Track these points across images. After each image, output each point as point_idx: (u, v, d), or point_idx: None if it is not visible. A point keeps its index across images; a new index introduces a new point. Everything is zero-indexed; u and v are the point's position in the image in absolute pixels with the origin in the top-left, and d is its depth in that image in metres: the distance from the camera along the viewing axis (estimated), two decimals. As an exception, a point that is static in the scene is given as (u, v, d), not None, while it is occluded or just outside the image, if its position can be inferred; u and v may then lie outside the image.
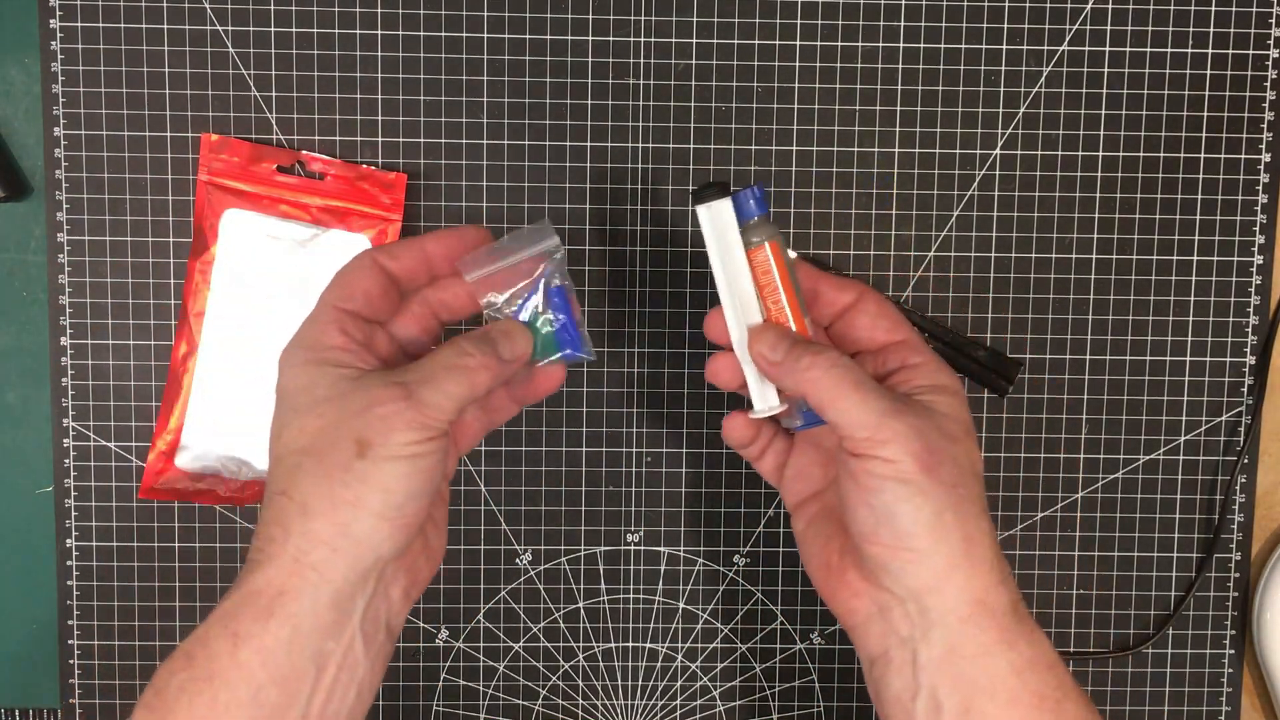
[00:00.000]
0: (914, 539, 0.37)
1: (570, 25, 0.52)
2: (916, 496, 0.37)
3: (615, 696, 0.55)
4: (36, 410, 0.54)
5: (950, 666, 0.38)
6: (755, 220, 0.41)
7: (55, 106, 0.52)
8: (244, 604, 0.37)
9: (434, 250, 0.41)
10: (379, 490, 0.37)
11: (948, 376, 0.41)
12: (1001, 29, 0.53)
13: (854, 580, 0.40)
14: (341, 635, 0.37)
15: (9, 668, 0.55)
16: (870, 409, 0.38)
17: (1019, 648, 0.38)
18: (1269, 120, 0.53)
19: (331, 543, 0.37)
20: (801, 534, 0.44)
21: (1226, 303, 0.54)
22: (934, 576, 0.37)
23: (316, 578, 0.37)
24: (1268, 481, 0.56)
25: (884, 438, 0.37)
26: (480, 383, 0.39)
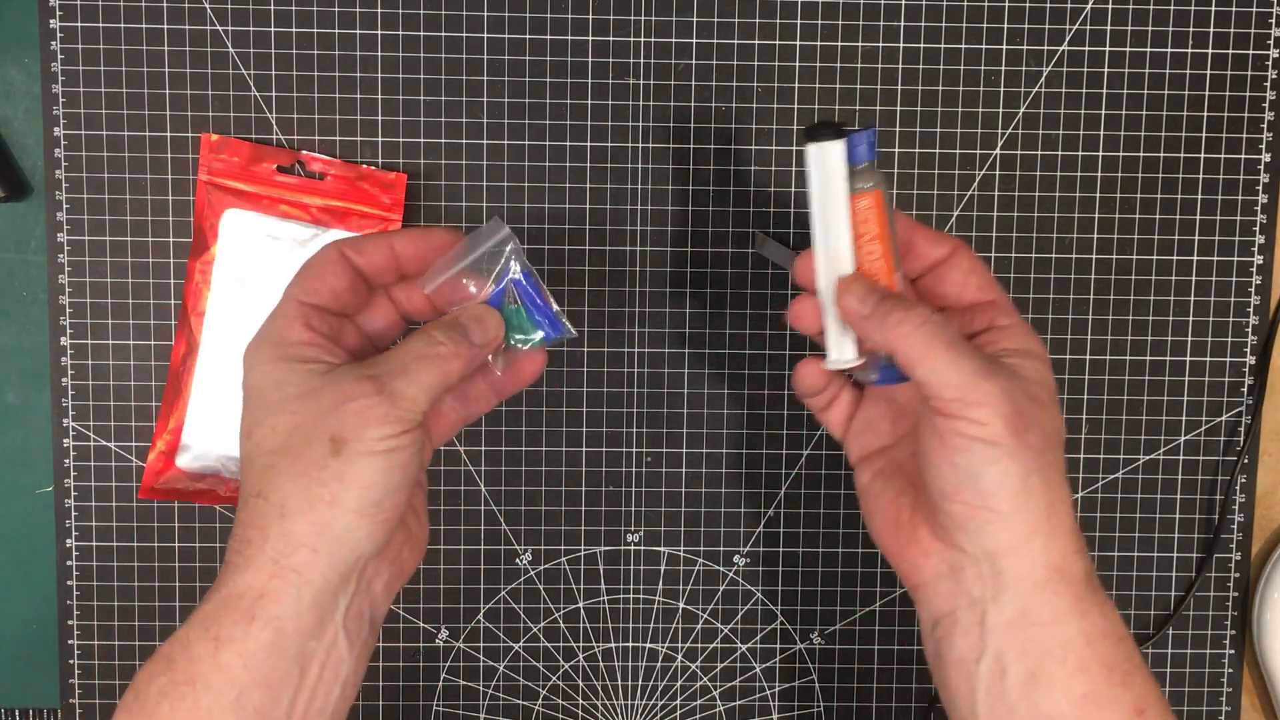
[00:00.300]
0: (999, 500, 0.37)
1: (570, 25, 0.52)
2: (1005, 459, 0.36)
3: (615, 696, 0.55)
4: (36, 410, 0.54)
5: (1020, 631, 0.37)
6: (864, 166, 0.39)
7: (55, 106, 0.52)
8: (224, 607, 0.36)
9: (402, 249, 0.41)
10: (356, 488, 0.36)
11: (1036, 342, 0.40)
12: (1001, 29, 0.53)
13: (925, 538, 0.40)
14: (324, 634, 0.37)
15: (9, 668, 0.55)
16: (962, 369, 0.37)
17: (1092, 617, 0.37)
18: (1269, 120, 0.53)
19: (311, 543, 0.36)
20: (866, 488, 0.43)
21: (1226, 303, 0.54)
22: (1014, 539, 0.37)
23: (298, 579, 0.36)
24: (1268, 481, 0.56)
25: (975, 399, 0.36)
26: (453, 370, 0.38)
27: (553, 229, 0.53)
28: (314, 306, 0.39)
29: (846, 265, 0.39)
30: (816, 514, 0.55)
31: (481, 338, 0.39)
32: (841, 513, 0.55)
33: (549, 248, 0.53)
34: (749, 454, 0.54)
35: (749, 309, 0.53)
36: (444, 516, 0.54)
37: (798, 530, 0.55)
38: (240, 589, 0.36)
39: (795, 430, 0.54)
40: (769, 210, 0.53)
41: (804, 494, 0.55)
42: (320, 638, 0.37)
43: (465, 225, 0.53)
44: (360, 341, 0.41)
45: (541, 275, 0.53)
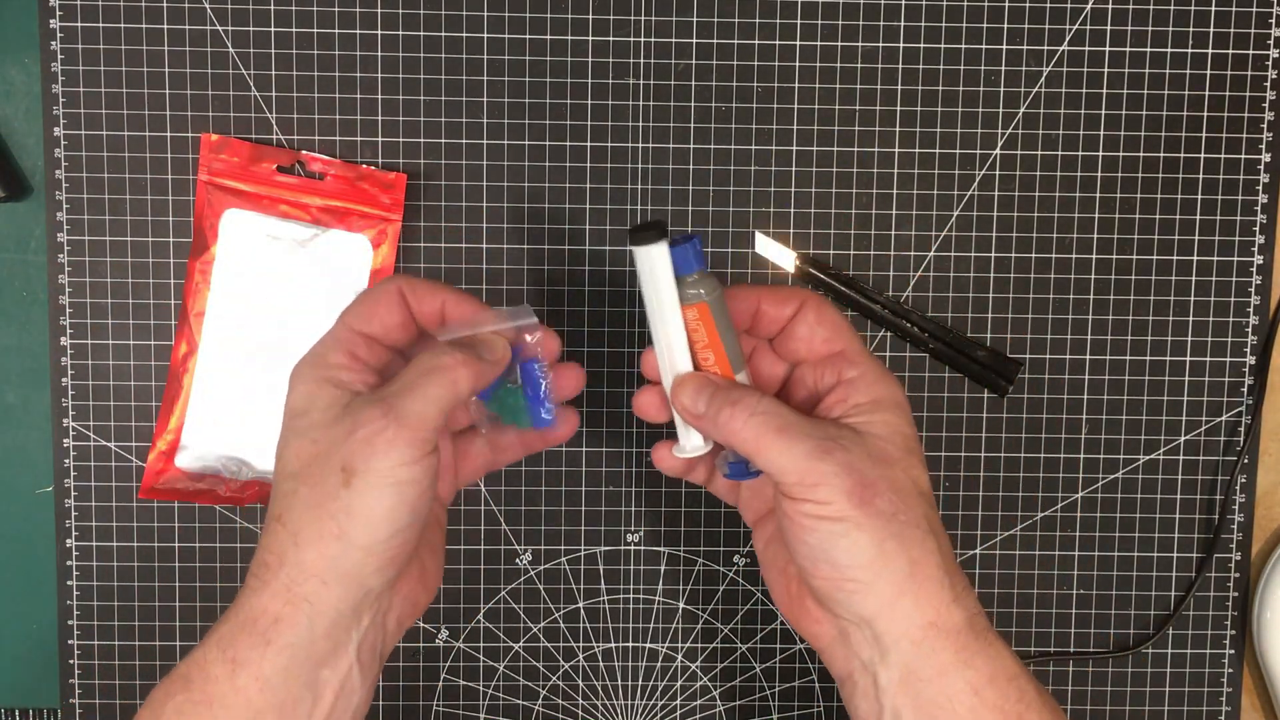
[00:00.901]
0: (856, 571, 0.37)
1: (570, 25, 0.52)
2: (853, 532, 0.37)
3: (615, 696, 0.55)
4: (36, 410, 0.54)
5: (909, 688, 0.37)
6: (693, 276, 0.39)
7: (55, 106, 0.52)
8: (241, 630, 0.37)
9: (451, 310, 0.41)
10: (364, 524, 0.36)
11: (885, 388, 0.40)
12: (1001, 29, 0.53)
13: (812, 607, 0.40)
14: (339, 664, 0.37)
15: (9, 668, 0.55)
16: (795, 453, 0.37)
17: (976, 664, 0.37)
18: (1269, 120, 0.53)
19: (321, 575, 0.36)
20: (761, 554, 0.43)
21: (1226, 303, 0.54)
22: (881, 604, 0.37)
23: (309, 609, 0.36)
24: (1268, 481, 0.56)
25: (813, 481, 0.37)
26: (462, 384, 0.38)
27: (553, 229, 0.53)
28: (363, 335, 0.39)
29: (683, 363, 0.40)
30: (816, 514, 0.55)
31: (490, 354, 0.39)
32: (841, 513, 0.55)
33: (549, 248, 0.53)
34: (749, 454, 0.54)
35: (749, 309, 0.53)
36: (444, 516, 0.54)
37: (798, 530, 0.55)
38: (256, 612, 0.37)
39: (795, 430, 0.54)
40: (769, 210, 0.53)
41: (804, 494, 0.55)
42: (335, 667, 0.37)
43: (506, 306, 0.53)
44: None
45: (540, 276, 0.53)
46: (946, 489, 0.55)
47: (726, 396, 0.39)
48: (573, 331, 0.53)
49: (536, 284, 0.53)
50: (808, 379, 0.41)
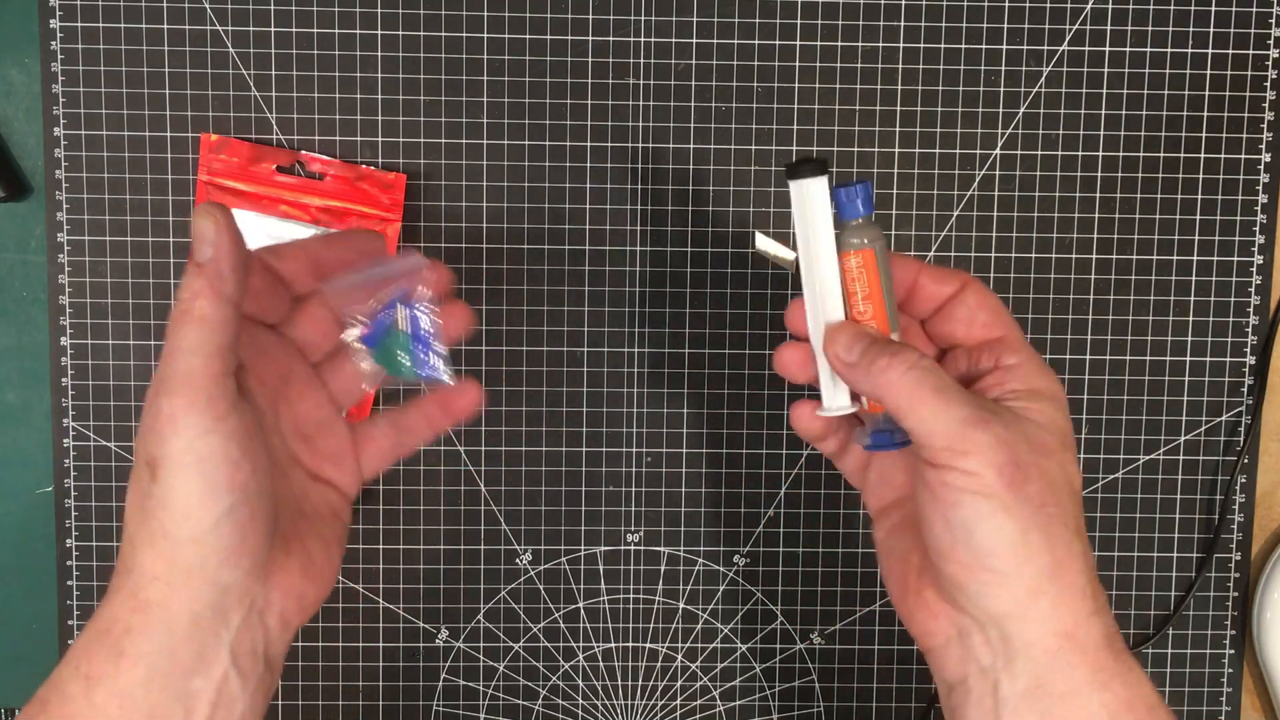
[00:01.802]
0: (995, 559, 0.34)
1: (570, 25, 0.52)
2: (999, 513, 0.34)
3: (615, 696, 0.55)
4: (36, 410, 0.54)
5: (1035, 703, 0.34)
6: (859, 221, 0.37)
7: (55, 106, 0.52)
8: (95, 642, 0.34)
9: (324, 254, 0.38)
10: (180, 516, 0.33)
11: (1046, 380, 0.37)
12: (1001, 29, 0.53)
13: (932, 600, 0.37)
14: (210, 671, 0.34)
15: (9, 668, 0.55)
16: (950, 416, 0.34)
17: (1113, 688, 0.34)
18: (1269, 120, 0.53)
19: (162, 577, 0.33)
20: (881, 543, 0.40)
21: (1226, 303, 0.54)
22: (1016, 602, 0.34)
23: (161, 613, 0.33)
24: (1268, 481, 0.56)
25: (965, 448, 0.34)
26: (210, 313, 0.33)
27: (553, 229, 0.53)
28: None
29: (835, 311, 0.38)
30: (816, 514, 0.55)
31: (203, 255, 0.33)
32: (841, 513, 0.55)
33: (549, 248, 0.53)
34: (749, 454, 0.54)
35: (749, 309, 0.53)
36: (444, 516, 0.54)
37: (798, 530, 0.55)
38: (108, 622, 0.34)
39: (795, 430, 0.54)
40: (769, 210, 0.53)
41: (804, 494, 0.55)
42: (206, 674, 0.34)
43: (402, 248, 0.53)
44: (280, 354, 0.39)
45: (540, 276, 0.53)
46: (946, 489, 0.55)
47: (885, 347, 0.36)
48: (573, 332, 0.53)
49: (536, 284, 0.53)
50: (962, 362, 0.39)
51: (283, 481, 0.38)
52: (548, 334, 0.53)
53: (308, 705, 0.55)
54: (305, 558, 0.37)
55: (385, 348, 0.39)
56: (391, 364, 0.39)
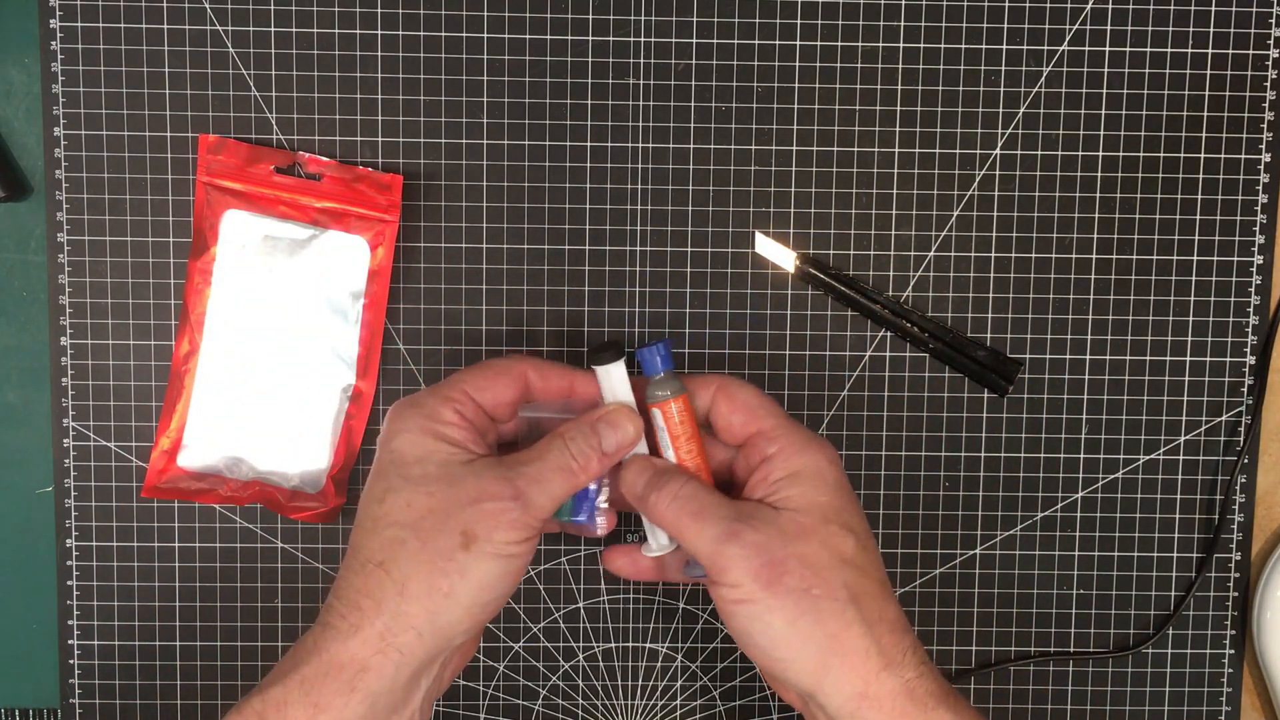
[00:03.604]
0: (777, 650, 0.38)
1: (570, 25, 0.52)
2: (764, 615, 0.38)
3: (615, 696, 0.55)
4: (36, 410, 0.54)
5: None
6: (661, 375, 0.43)
7: (55, 106, 0.52)
8: (328, 675, 0.38)
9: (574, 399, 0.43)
10: (475, 586, 0.38)
11: (804, 456, 0.41)
12: (1001, 29, 0.53)
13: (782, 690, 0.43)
14: (405, 711, 0.39)
15: (9, 668, 0.55)
16: (707, 537, 0.38)
17: None
18: (1269, 120, 0.53)
19: (420, 628, 0.38)
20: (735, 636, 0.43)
21: (1226, 303, 0.54)
22: (810, 679, 0.38)
23: (399, 658, 0.38)
24: (1268, 481, 0.56)
25: (723, 565, 0.38)
26: (583, 483, 0.40)
27: (553, 229, 0.53)
28: (475, 401, 0.41)
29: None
30: (816, 514, 0.55)
31: (613, 445, 0.41)
32: (841, 513, 0.55)
33: (549, 248, 0.53)
34: (749, 454, 0.54)
35: (749, 309, 0.53)
36: (444, 516, 0.54)
37: (798, 530, 0.55)
38: (344, 658, 0.38)
39: (795, 430, 0.54)
40: (769, 210, 0.53)
41: (804, 494, 0.55)
42: (401, 713, 0.39)
43: (465, 225, 0.53)
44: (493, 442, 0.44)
45: (540, 277, 0.53)
46: (946, 489, 0.55)
47: (658, 479, 0.41)
48: (572, 332, 0.53)
49: (536, 284, 0.53)
50: (739, 463, 0.43)
51: None
52: (548, 334, 0.53)
53: (308, 705, 0.55)
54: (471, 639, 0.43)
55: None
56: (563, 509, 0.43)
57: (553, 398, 0.43)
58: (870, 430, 0.54)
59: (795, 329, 0.54)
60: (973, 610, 0.55)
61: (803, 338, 0.54)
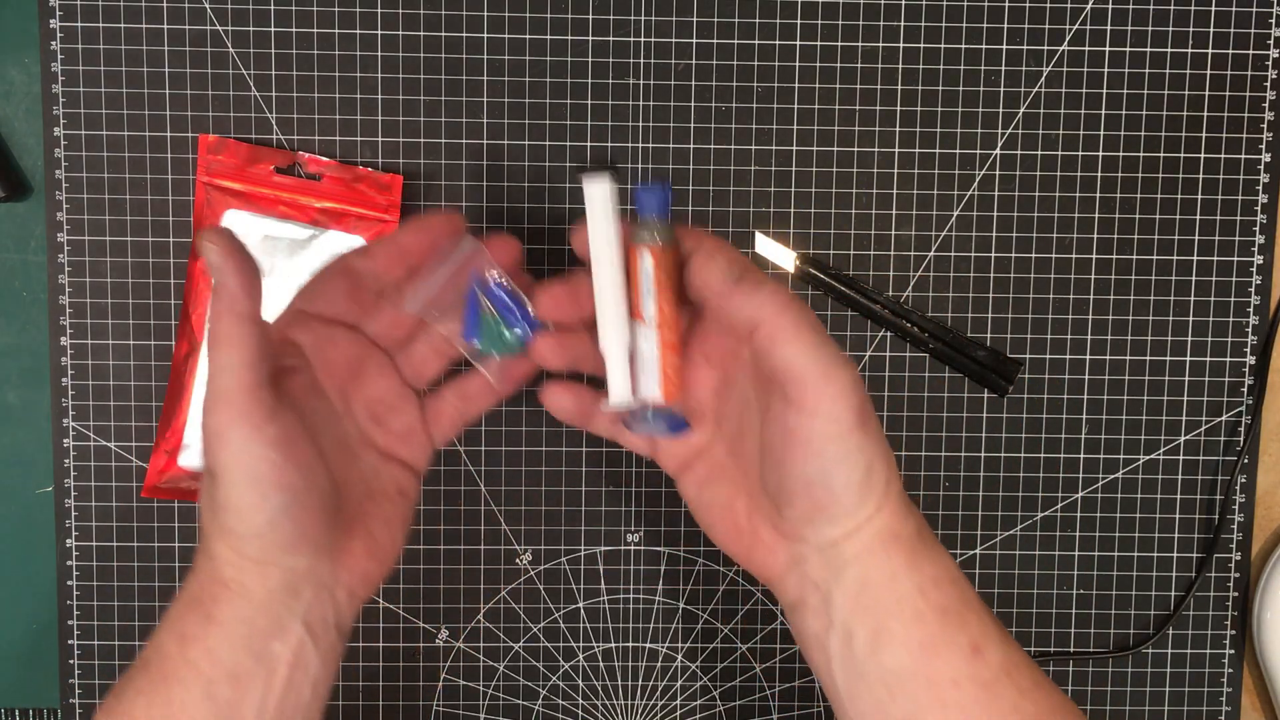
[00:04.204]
0: (845, 493, 0.37)
1: (570, 25, 0.52)
2: (855, 454, 0.36)
3: (615, 696, 0.55)
4: (36, 410, 0.54)
5: (861, 598, 0.37)
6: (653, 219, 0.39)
7: (55, 106, 0.52)
8: (188, 609, 0.38)
9: (406, 242, 0.41)
10: (237, 517, 0.36)
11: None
12: (1001, 29, 0.53)
13: (768, 538, 0.40)
14: (287, 638, 0.38)
15: (9, 668, 0.55)
16: (817, 352, 0.36)
17: (923, 568, 0.37)
18: (1269, 120, 0.53)
19: (234, 563, 0.37)
20: (695, 500, 0.42)
21: (1226, 303, 0.54)
22: (855, 524, 0.37)
23: (238, 588, 0.37)
24: (1268, 481, 0.56)
25: (824, 390, 0.35)
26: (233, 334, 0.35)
27: (553, 229, 0.53)
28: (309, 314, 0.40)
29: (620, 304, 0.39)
30: (816, 514, 0.55)
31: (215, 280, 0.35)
32: (841, 513, 0.55)
33: (549, 248, 0.53)
34: (749, 454, 0.54)
35: (749, 309, 0.53)
36: (444, 516, 0.54)
37: (798, 530, 0.55)
38: (196, 592, 0.38)
39: (795, 430, 0.54)
40: (769, 210, 0.53)
41: (804, 494, 0.55)
42: (283, 640, 0.38)
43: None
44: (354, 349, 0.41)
45: (540, 277, 0.53)
46: (946, 489, 0.55)
47: (761, 274, 0.37)
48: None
49: (536, 284, 0.53)
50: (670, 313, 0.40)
51: (352, 466, 0.41)
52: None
53: (308, 705, 0.55)
54: (369, 539, 0.40)
55: (487, 335, 0.41)
56: (499, 344, 0.41)
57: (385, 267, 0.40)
58: (870, 430, 0.54)
59: (795, 329, 0.54)
60: (973, 610, 0.55)
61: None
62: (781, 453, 0.37)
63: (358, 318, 0.41)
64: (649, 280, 0.39)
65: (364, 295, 0.41)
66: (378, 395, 0.42)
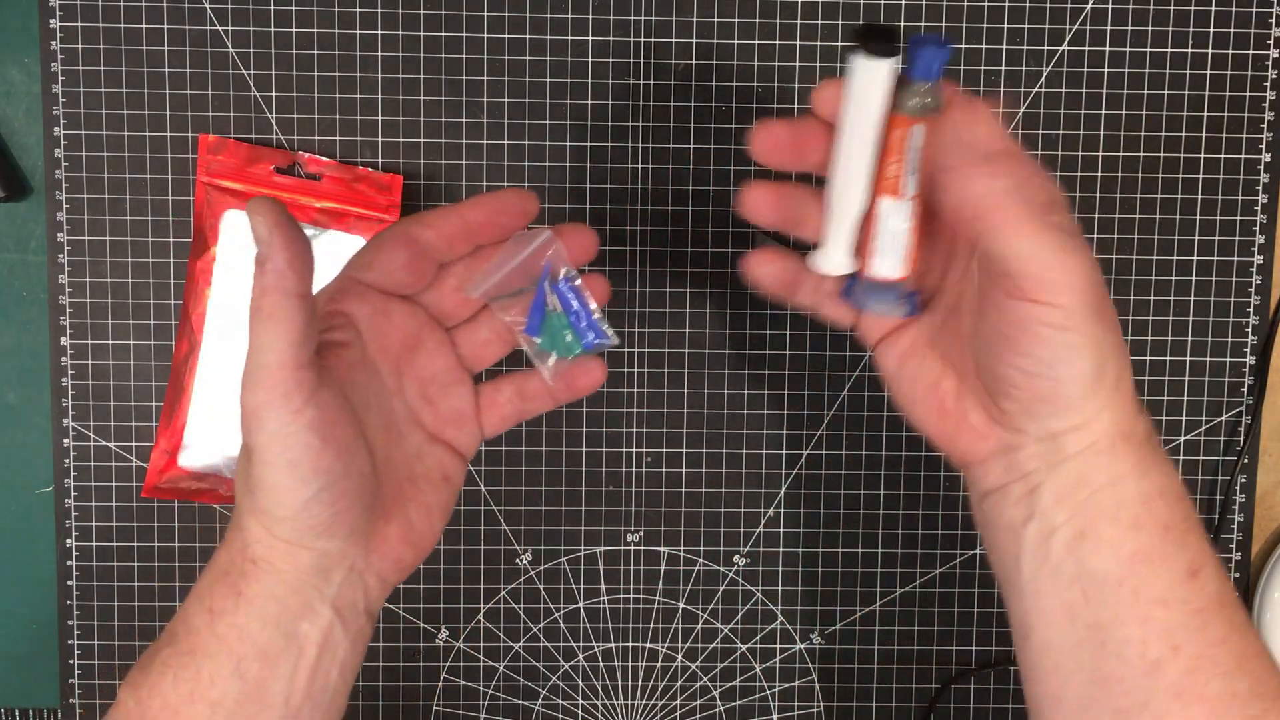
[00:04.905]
0: (1074, 387, 0.34)
1: (570, 25, 0.52)
2: (1086, 348, 0.33)
3: (615, 696, 0.55)
4: (36, 410, 0.54)
5: (1073, 494, 0.35)
6: (930, 85, 0.34)
7: (55, 106, 0.52)
8: (217, 582, 0.37)
9: (473, 217, 0.39)
10: (272, 499, 0.35)
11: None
12: (1001, 29, 0.53)
13: (979, 423, 0.37)
14: (317, 620, 0.37)
15: (9, 668, 0.55)
16: (1044, 243, 0.32)
17: (1152, 476, 0.35)
18: (1269, 120, 0.53)
19: (264, 541, 0.36)
20: (896, 375, 0.39)
21: (1226, 303, 0.54)
22: (1082, 419, 0.34)
23: (268, 567, 0.36)
24: (1268, 481, 0.56)
25: (1056, 279, 0.32)
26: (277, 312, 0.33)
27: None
28: (364, 283, 0.38)
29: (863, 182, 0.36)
30: (816, 514, 0.55)
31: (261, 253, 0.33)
32: (842, 513, 0.55)
33: (549, 248, 0.53)
34: (749, 454, 0.54)
35: (749, 309, 0.53)
36: (444, 516, 0.54)
37: (798, 530, 0.55)
38: (225, 565, 0.37)
39: (795, 430, 0.54)
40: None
41: (804, 494, 0.55)
42: (313, 621, 0.37)
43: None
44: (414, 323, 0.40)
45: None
46: (946, 489, 0.55)
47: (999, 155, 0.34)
48: (573, 331, 0.53)
49: (536, 284, 0.53)
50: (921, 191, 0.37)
51: (397, 445, 0.39)
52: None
53: (308, 705, 0.55)
54: (406, 525, 0.39)
55: (548, 332, 0.40)
56: (560, 345, 0.40)
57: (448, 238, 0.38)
58: (870, 430, 0.54)
59: (795, 329, 0.54)
60: (973, 610, 0.55)
61: (803, 338, 0.54)
62: (1003, 340, 0.34)
63: (416, 290, 0.39)
64: (915, 156, 0.35)
65: (424, 267, 0.39)
66: (431, 373, 0.40)
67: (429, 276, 0.39)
